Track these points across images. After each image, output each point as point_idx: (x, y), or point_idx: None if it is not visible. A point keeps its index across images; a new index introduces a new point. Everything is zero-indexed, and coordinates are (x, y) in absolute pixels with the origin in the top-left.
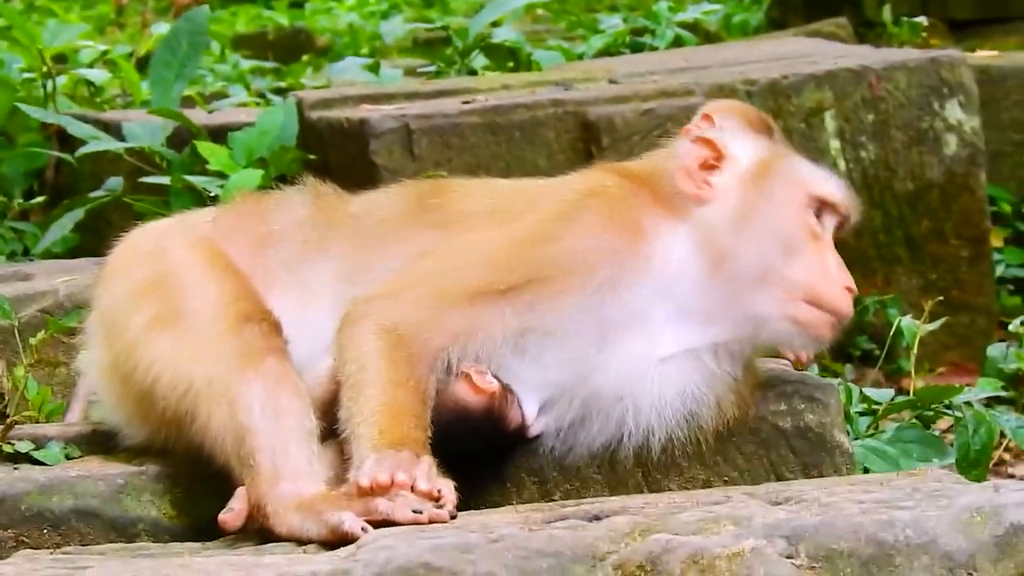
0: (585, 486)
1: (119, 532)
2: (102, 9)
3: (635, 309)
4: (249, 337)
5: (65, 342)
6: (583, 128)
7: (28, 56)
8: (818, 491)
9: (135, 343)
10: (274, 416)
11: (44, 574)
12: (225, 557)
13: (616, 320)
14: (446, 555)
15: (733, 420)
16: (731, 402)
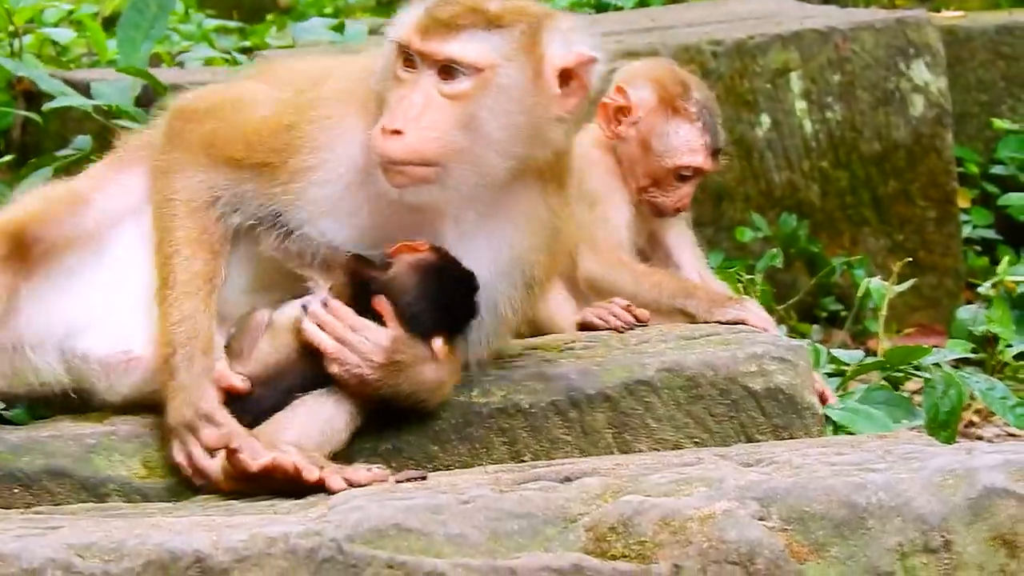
0: (555, 447)
1: (90, 492)
2: None
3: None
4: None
5: None
6: None
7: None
8: (790, 453)
9: None
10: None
11: (15, 533)
12: (196, 517)
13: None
14: (417, 516)
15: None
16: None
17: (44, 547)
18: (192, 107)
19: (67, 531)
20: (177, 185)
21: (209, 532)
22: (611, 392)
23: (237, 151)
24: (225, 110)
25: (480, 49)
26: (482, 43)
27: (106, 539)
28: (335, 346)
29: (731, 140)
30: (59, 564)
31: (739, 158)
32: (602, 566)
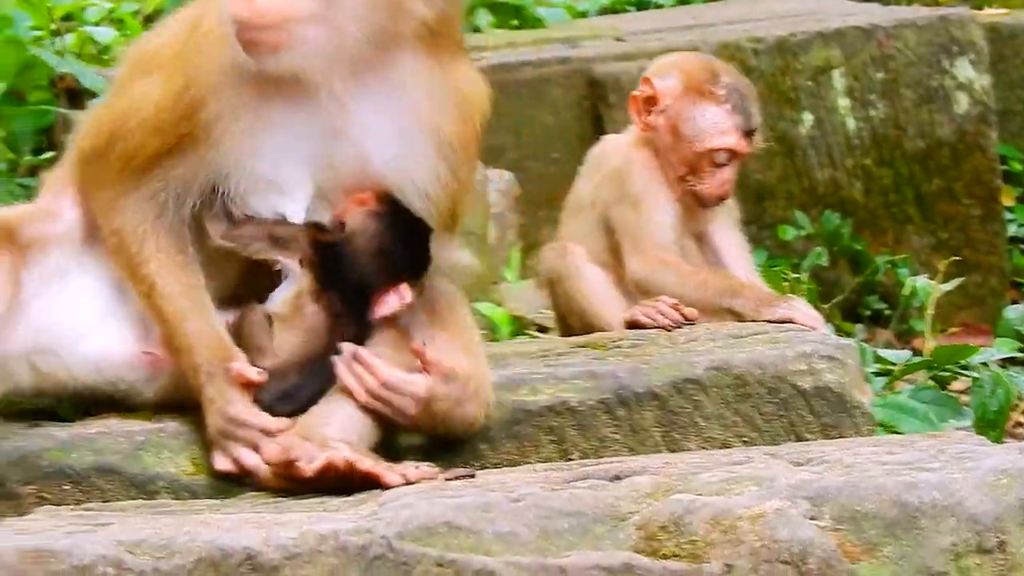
0: (604, 445)
1: (139, 489)
2: None
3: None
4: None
5: None
6: (589, 86)
7: (37, 14)
8: (841, 452)
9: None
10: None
11: (66, 530)
12: (246, 515)
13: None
14: (467, 514)
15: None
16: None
17: (95, 544)
18: (92, 146)
19: (117, 528)
20: (121, 219)
21: (259, 529)
22: (660, 390)
23: (153, 146)
24: (122, 127)
25: None
26: None
27: (156, 536)
28: (369, 400)
29: (773, 138)
30: (109, 561)
31: (782, 156)
32: (653, 565)
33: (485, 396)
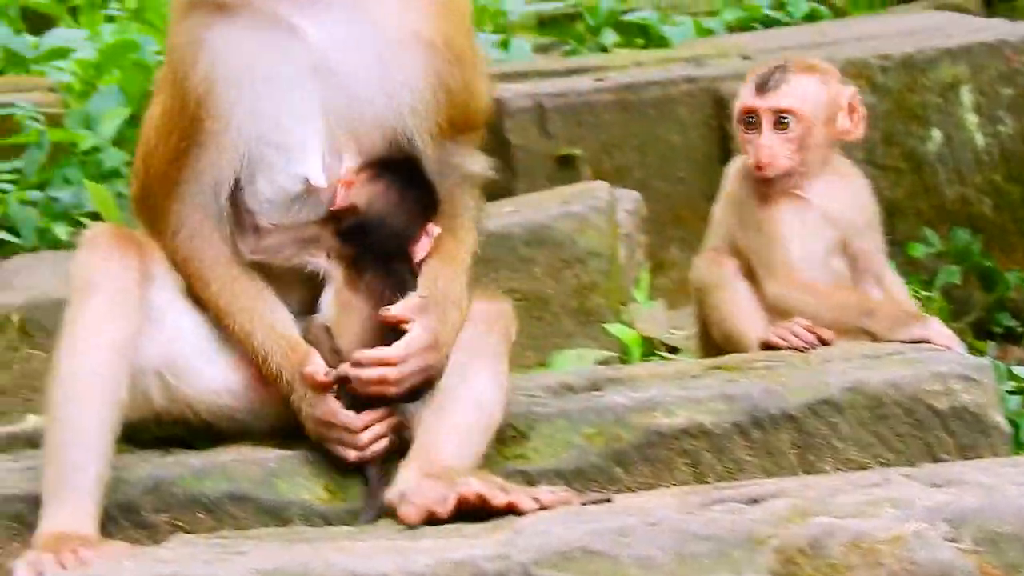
0: (739, 468)
1: (273, 516)
2: None
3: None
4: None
5: None
6: (716, 105)
7: (162, 39)
8: (979, 473)
9: None
10: None
11: (203, 559)
12: (381, 541)
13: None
14: (603, 539)
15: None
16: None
17: (232, 573)
18: (136, 185)
19: (253, 556)
20: (176, 244)
21: (395, 556)
22: (795, 412)
23: (172, 146)
24: (148, 148)
25: None
26: None
27: (292, 563)
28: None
29: (902, 154)
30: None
31: (910, 173)
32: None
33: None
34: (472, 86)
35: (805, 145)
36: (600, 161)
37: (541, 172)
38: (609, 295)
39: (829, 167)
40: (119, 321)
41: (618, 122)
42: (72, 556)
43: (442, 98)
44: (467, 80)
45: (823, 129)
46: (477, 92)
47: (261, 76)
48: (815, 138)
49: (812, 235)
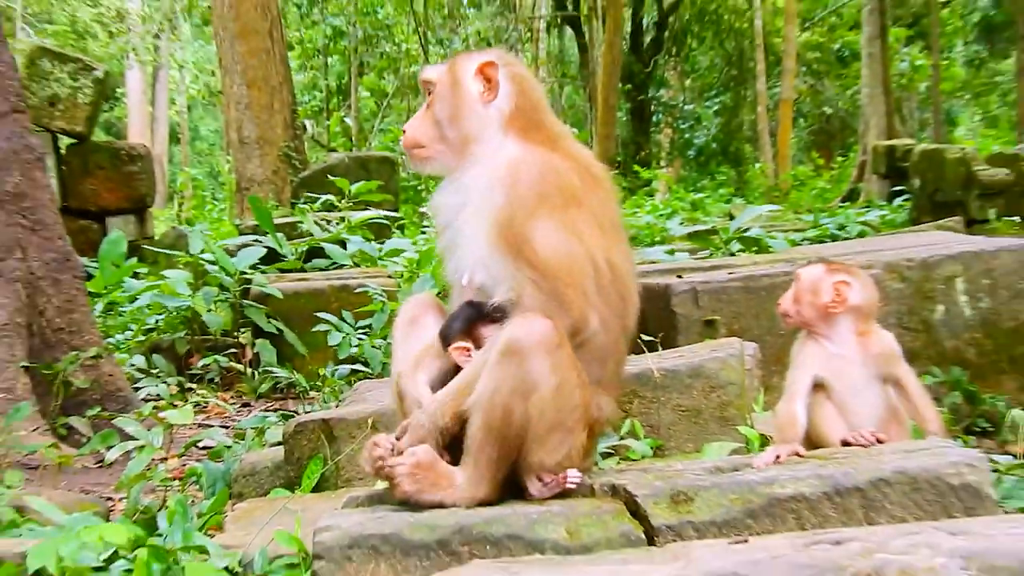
0: (827, 521)
1: (535, 548)
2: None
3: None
4: None
5: None
6: None
7: None
8: (980, 526)
9: None
10: None
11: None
12: (606, 566)
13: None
14: (744, 567)
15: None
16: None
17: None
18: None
19: (524, 575)
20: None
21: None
22: (862, 486)
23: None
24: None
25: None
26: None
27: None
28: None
29: (919, 320)
30: None
31: (924, 332)
32: None
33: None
34: (530, 259)
35: (799, 303)
36: (731, 324)
37: (695, 331)
38: (740, 408)
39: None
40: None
41: (742, 299)
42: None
43: (500, 272)
44: (520, 252)
45: (810, 297)
46: (532, 262)
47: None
48: (805, 300)
49: (846, 374)
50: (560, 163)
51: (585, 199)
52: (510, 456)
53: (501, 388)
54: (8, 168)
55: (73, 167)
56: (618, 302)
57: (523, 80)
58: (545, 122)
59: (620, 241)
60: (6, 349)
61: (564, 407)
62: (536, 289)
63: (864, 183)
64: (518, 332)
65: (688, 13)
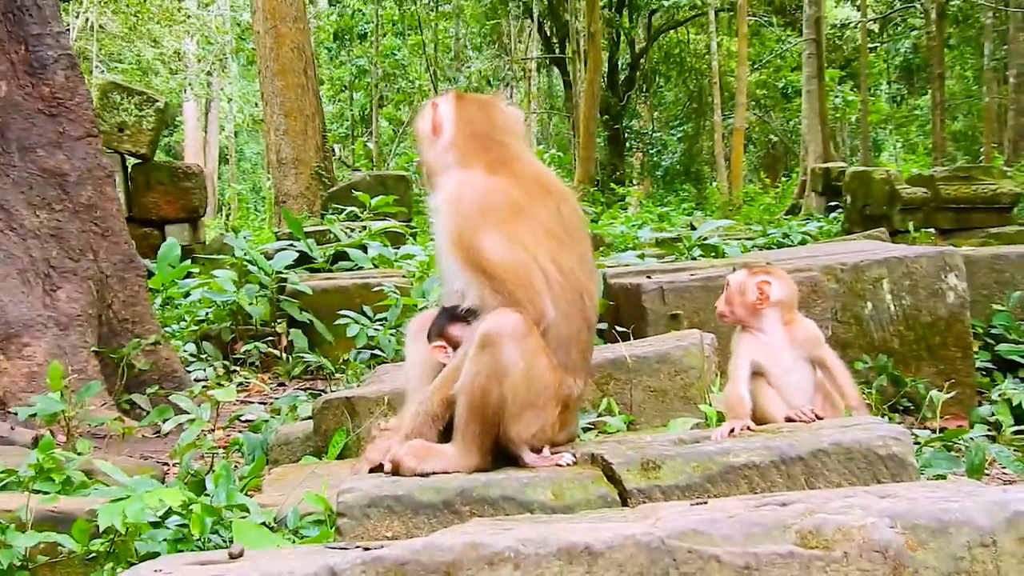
0: (774, 487)
1: (525, 508)
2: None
3: None
4: None
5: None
6: None
7: None
8: (904, 490)
9: None
10: None
11: (488, 532)
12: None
13: None
14: (704, 524)
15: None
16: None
17: (506, 539)
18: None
19: (516, 531)
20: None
21: (591, 532)
22: (804, 456)
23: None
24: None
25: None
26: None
27: (537, 535)
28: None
29: (852, 316)
30: (512, 549)
31: (855, 325)
32: (804, 552)
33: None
34: (474, 262)
35: (731, 304)
36: (693, 318)
37: (662, 324)
38: (700, 389)
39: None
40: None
41: (702, 297)
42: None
43: (459, 276)
44: (467, 262)
45: (739, 298)
46: (478, 266)
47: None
48: (736, 301)
49: (777, 358)
50: (499, 183)
51: (528, 211)
52: (492, 431)
53: (480, 373)
54: (83, 183)
55: (138, 183)
56: (575, 297)
57: (467, 116)
58: (491, 148)
59: (571, 243)
60: (79, 336)
61: (534, 388)
62: (492, 291)
63: (804, 199)
64: (491, 324)
65: (656, 56)
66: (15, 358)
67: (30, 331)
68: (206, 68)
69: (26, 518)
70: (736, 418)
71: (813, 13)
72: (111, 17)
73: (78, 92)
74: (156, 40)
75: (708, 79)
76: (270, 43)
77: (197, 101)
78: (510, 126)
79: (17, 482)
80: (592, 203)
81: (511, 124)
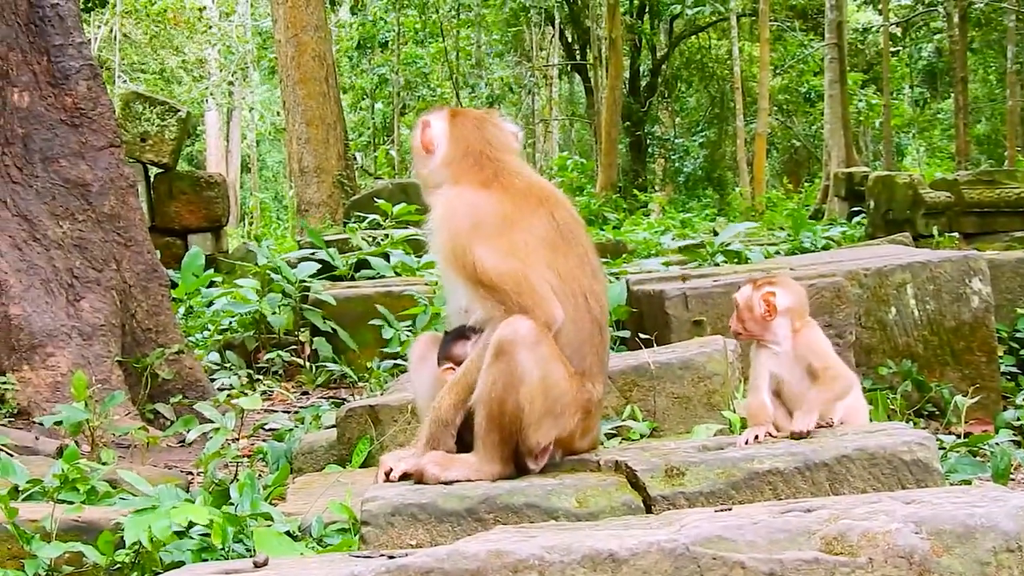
0: (799, 492)
1: (549, 515)
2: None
3: None
4: None
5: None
6: None
7: None
8: (929, 496)
9: None
10: None
11: (513, 540)
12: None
13: None
14: (729, 530)
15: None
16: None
17: (530, 547)
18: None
19: (540, 538)
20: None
21: (616, 539)
22: (828, 461)
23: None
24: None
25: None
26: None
27: (561, 542)
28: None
29: (875, 320)
30: (537, 556)
31: (879, 330)
32: (829, 558)
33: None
34: (472, 276)
35: (742, 320)
36: (716, 324)
37: (685, 330)
38: (723, 395)
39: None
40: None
41: (725, 303)
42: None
43: (454, 289)
44: (464, 276)
45: (748, 314)
46: (476, 279)
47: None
48: (746, 317)
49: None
50: (490, 197)
51: (520, 222)
52: (511, 439)
53: (496, 383)
54: (106, 193)
55: (160, 192)
56: (579, 300)
57: (461, 134)
58: (485, 166)
59: (567, 247)
60: (103, 346)
61: (551, 395)
62: (496, 303)
63: (827, 204)
64: (505, 332)
65: (678, 61)
66: (39, 368)
67: (54, 341)
68: (228, 77)
69: (51, 528)
70: (758, 424)
71: (835, 17)
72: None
73: (100, 102)
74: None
75: (730, 84)
76: (291, 52)
77: (219, 110)
78: (505, 142)
79: (42, 492)
80: (614, 209)
81: (506, 140)
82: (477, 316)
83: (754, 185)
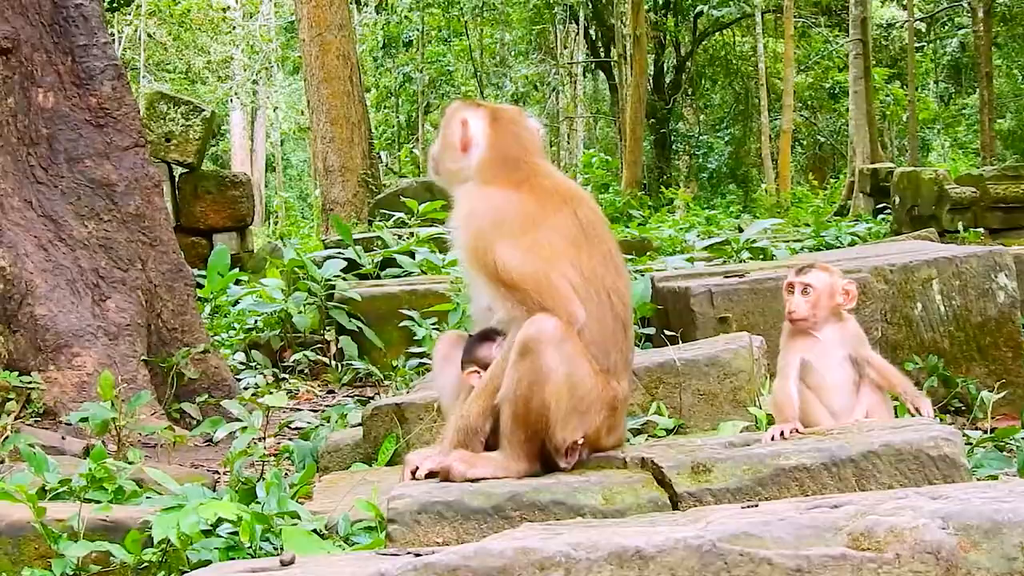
0: (825, 488)
1: (576, 512)
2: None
3: None
4: None
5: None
6: None
7: None
8: (957, 491)
9: None
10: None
11: (540, 536)
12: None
13: None
14: (755, 527)
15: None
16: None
17: (555, 543)
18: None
19: (567, 535)
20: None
21: (642, 535)
22: (855, 457)
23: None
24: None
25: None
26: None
27: (586, 538)
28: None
29: (901, 316)
30: (563, 553)
31: (905, 326)
32: (856, 554)
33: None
34: (492, 274)
35: (816, 306)
36: (742, 320)
37: (710, 327)
38: (749, 392)
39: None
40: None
41: (751, 300)
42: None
43: (475, 285)
44: (485, 274)
45: (828, 300)
46: (495, 277)
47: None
48: (823, 304)
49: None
50: (513, 196)
51: (543, 222)
52: (538, 436)
53: (522, 381)
54: (131, 193)
55: (185, 192)
56: (602, 297)
57: (501, 140)
58: (519, 167)
59: (591, 245)
60: (129, 346)
61: (576, 392)
62: (518, 302)
63: (852, 200)
64: (530, 331)
65: (702, 58)
66: (65, 368)
67: (80, 341)
68: (252, 77)
69: (79, 527)
70: (784, 420)
71: (859, 13)
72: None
73: (125, 102)
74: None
75: (755, 81)
76: (315, 51)
77: (243, 110)
78: (537, 145)
79: (69, 491)
80: (639, 207)
81: (537, 142)
82: (499, 315)
83: (779, 182)
